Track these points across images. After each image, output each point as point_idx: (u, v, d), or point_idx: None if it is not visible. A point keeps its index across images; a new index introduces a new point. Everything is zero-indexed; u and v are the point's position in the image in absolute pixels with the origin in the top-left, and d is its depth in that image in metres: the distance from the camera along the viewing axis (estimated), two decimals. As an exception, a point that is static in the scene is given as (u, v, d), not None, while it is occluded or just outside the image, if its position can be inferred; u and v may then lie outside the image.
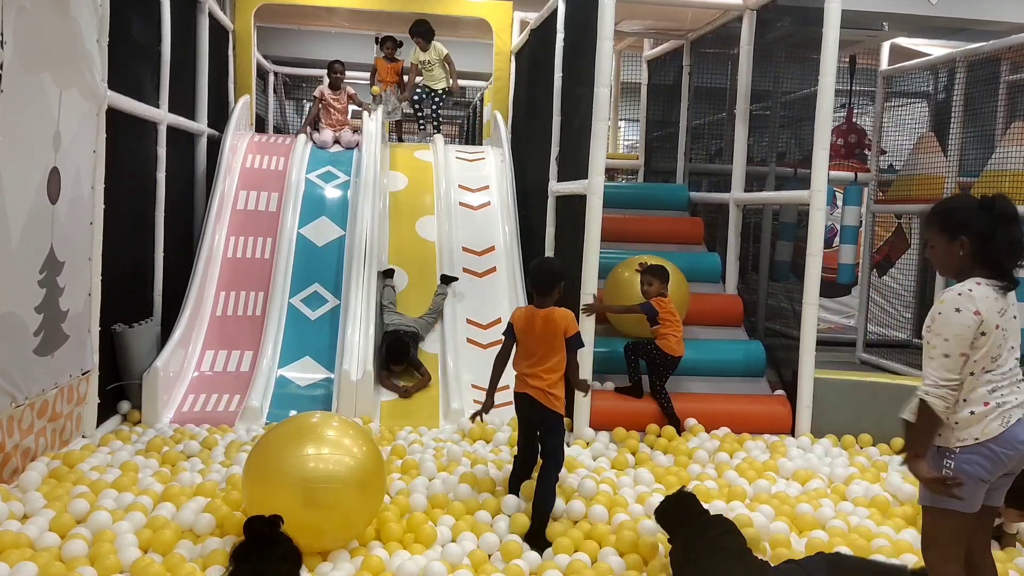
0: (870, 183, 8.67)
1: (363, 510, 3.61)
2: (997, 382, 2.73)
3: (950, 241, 2.78)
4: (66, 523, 3.60)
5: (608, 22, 5.36)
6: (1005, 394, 2.73)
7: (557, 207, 6.79)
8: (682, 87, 8.40)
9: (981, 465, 2.72)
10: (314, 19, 10.10)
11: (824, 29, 5.42)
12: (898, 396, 5.68)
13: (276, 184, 7.62)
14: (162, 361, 5.63)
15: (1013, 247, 2.73)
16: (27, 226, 4.09)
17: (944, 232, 2.80)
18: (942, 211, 2.84)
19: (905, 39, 9.51)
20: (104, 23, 4.87)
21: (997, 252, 2.73)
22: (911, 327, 9.26)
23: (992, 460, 2.72)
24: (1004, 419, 2.72)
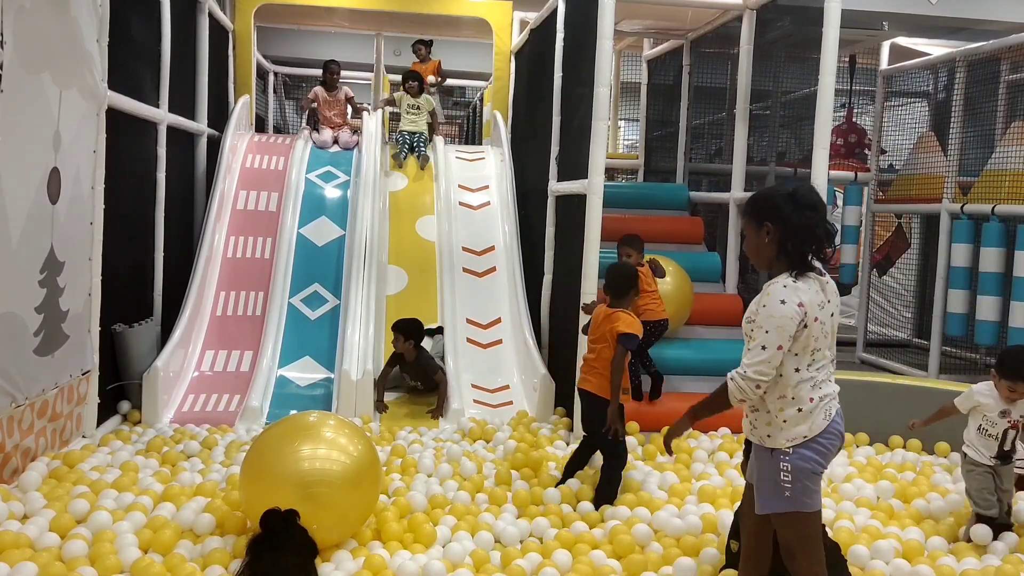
0: (870, 183, 8.68)
1: (359, 508, 3.62)
2: (818, 377, 2.77)
3: (757, 230, 2.81)
4: (66, 523, 3.60)
5: (608, 22, 5.36)
6: (825, 388, 2.78)
7: (557, 207, 6.79)
8: (682, 87, 8.40)
9: (815, 460, 2.76)
10: (314, 19, 10.10)
11: (824, 28, 5.42)
12: (898, 396, 5.69)
13: (276, 184, 7.62)
14: (162, 361, 5.63)
15: (806, 233, 2.73)
16: (27, 226, 4.09)
17: (752, 221, 2.83)
18: (750, 200, 2.88)
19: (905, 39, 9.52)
20: (104, 23, 4.87)
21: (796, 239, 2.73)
22: (911, 327, 9.26)
23: (822, 453, 2.77)
24: (826, 412, 2.77)
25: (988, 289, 6.84)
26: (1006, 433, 3.95)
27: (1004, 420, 3.94)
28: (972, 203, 7.23)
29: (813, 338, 2.73)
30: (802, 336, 2.71)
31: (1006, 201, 6.84)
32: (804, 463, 2.74)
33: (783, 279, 2.75)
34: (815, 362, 2.76)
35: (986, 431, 3.97)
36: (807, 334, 2.71)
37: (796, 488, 2.73)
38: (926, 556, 3.72)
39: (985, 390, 4.02)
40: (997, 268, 6.83)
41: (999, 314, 6.81)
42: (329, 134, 8.31)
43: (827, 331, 2.78)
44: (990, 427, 3.96)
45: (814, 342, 2.74)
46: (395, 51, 12.30)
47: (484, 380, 6.42)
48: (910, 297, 9.37)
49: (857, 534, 3.88)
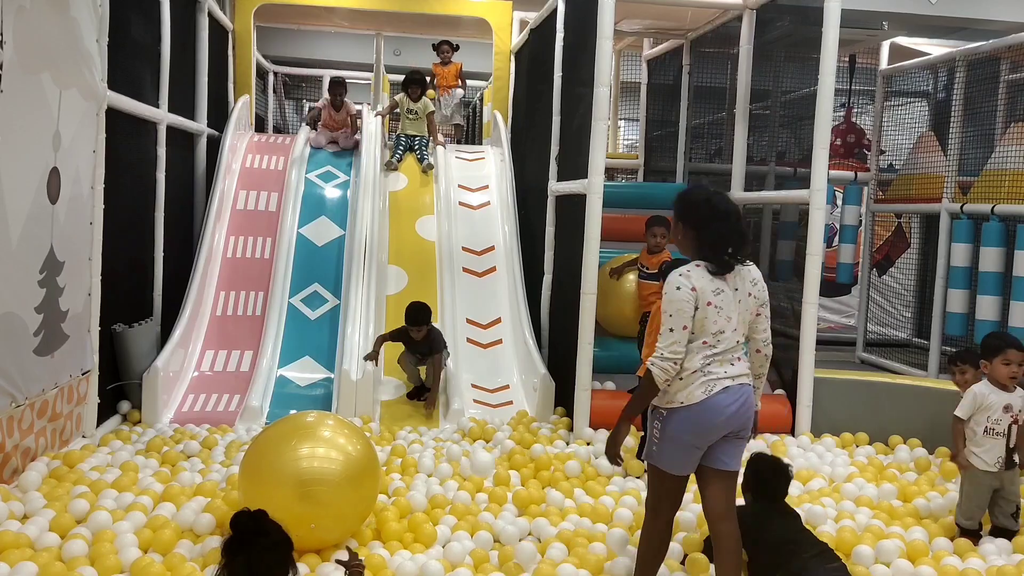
0: (870, 182, 8.68)
1: (358, 508, 3.62)
2: (712, 356, 3.01)
3: (677, 226, 3.17)
4: (66, 523, 3.60)
5: (608, 21, 5.36)
6: (715, 367, 3.01)
7: (557, 207, 6.79)
8: (682, 86, 8.39)
9: (685, 428, 3.02)
10: (314, 19, 10.09)
11: (824, 28, 5.42)
12: (898, 395, 5.69)
13: (276, 184, 7.62)
14: (162, 361, 5.63)
15: (718, 239, 3.05)
16: (27, 226, 4.09)
17: (676, 218, 3.18)
18: (677, 198, 3.22)
19: (905, 38, 9.52)
20: (104, 23, 4.87)
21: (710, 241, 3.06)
22: (911, 326, 9.26)
23: (695, 424, 3.01)
24: (708, 388, 3.00)
25: (988, 289, 6.84)
26: (1010, 429, 3.94)
27: (1008, 415, 3.93)
28: (972, 203, 7.23)
29: (711, 321, 3.00)
30: (697, 315, 2.99)
31: (1006, 201, 6.84)
32: (673, 429, 3.05)
33: (683, 268, 3.07)
34: (719, 343, 3.02)
35: (993, 430, 3.94)
36: (700, 315, 2.99)
37: (662, 447, 3.07)
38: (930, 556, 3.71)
39: (984, 388, 4.01)
40: (997, 268, 6.82)
41: (999, 314, 6.80)
42: (327, 136, 8.26)
43: (729, 315, 3.03)
44: (996, 425, 3.94)
45: (712, 324, 3.01)
46: (395, 51, 12.30)
47: (484, 380, 6.42)
48: (910, 297, 9.37)
49: (860, 534, 3.88)
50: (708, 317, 3.00)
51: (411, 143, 8.20)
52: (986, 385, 4.02)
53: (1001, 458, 3.95)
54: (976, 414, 4.00)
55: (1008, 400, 3.95)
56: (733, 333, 3.04)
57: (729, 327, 3.03)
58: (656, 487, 3.17)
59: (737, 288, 3.06)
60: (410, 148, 8.19)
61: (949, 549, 3.82)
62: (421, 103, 8.33)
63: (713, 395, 3.00)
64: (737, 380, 3.05)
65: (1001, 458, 3.95)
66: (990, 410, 3.96)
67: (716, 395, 3.00)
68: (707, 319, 3.00)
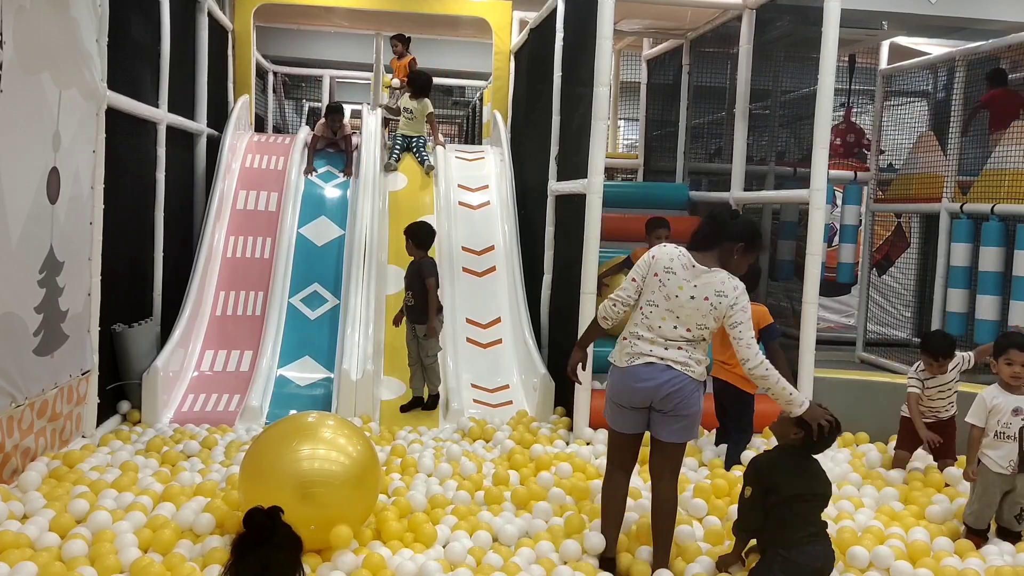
0: (869, 182, 8.68)
1: (358, 509, 3.62)
2: (642, 328, 3.41)
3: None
4: (66, 523, 3.60)
5: (607, 21, 5.36)
6: (641, 342, 3.40)
7: (557, 206, 6.79)
8: (681, 86, 8.39)
9: (611, 386, 3.51)
10: (313, 19, 10.09)
11: (823, 28, 5.42)
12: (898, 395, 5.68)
13: (275, 184, 7.62)
14: (162, 361, 5.63)
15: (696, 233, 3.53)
16: (26, 226, 4.08)
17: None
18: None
19: (904, 38, 9.52)
20: (103, 23, 4.87)
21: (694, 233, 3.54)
22: (911, 326, 9.26)
23: (615, 385, 3.47)
24: (631, 358, 3.41)
25: (987, 288, 6.83)
26: (1021, 432, 3.89)
27: (1018, 418, 3.89)
28: (971, 202, 7.22)
29: (650, 290, 3.41)
30: (646, 279, 3.42)
31: (1005, 200, 6.84)
32: (607, 385, 3.55)
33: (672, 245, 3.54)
34: (649, 316, 3.40)
35: (1003, 434, 3.91)
36: (647, 282, 3.42)
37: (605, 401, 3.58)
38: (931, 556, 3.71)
39: (993, 391, 3.97)
40: (996, 267, 6.82)
41: (999, 313, 6.80)
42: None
43: (668, 295, 3.38)
44: (1006, 429, 3.90)
45: (650, 293, 3.40)
46: (395, 51, 12.29)
47: (484, 380, 6.42)
48: (910, 296, 9.36)
49: (860, 535, 3.88)
50: (648, 285, 3.42)
51: (408, 143, 8.19)
52: (995, 388, 3.98)
53: (1013, 461, 3.90)
54: (988, 418, 3.96)
55: (1017, 403, 3.90)
56: (670, 315, 3.36)
57: (663, 306, 3.37)
58: (609, 439, 3.64)
59: (696, 285, 3.38)
60: (407, 148, 8.17)
61: (950, 549, 3.81)
62: (420, 104, 8.28)
63: (633, 365, 3.40)
64: (666, 361, 3.37)
65: (1013, 461, 3.90)
66: (999, 413, 3.92)
67: (636, 366, 3.39)
68: (649, 288, 3.41)
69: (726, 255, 3.45)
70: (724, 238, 3.45)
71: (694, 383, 3.42)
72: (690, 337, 3.39)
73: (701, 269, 3.39)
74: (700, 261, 3.41)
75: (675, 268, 3.39)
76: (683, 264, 3.40)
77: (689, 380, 3.39)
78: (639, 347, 3.39)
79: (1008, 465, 3.90)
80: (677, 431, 3.44)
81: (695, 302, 3.36)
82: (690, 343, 3.39)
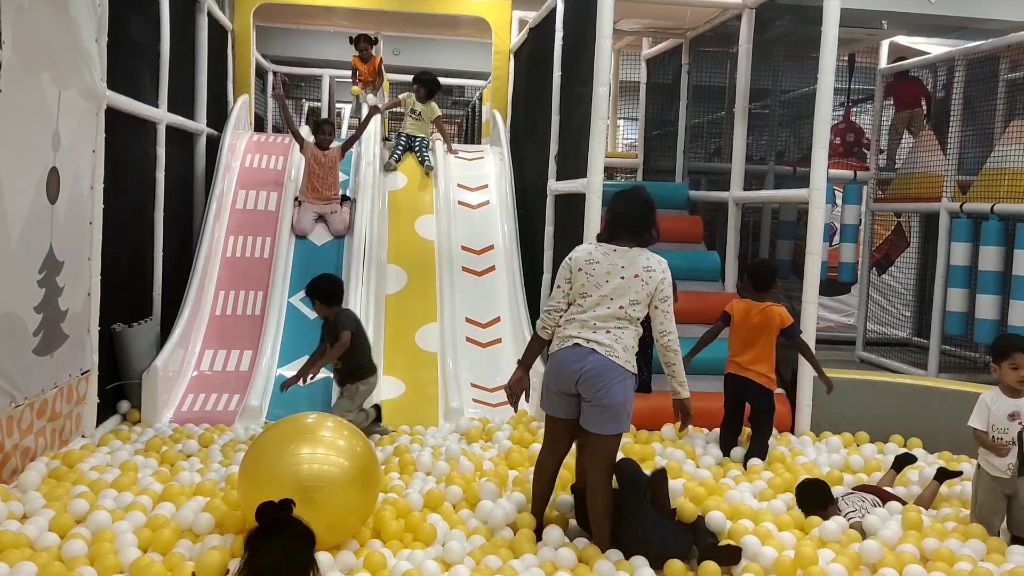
0: (869, 182, 8.68)
1: (357, 510, 3.62)
2: (574, 316, 3.60)
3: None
4: (66, 523, 3.60)
5: (607, 21, 5.36)
6: (571, 326, 3.59)
7: (556, 206, 6.79)
8: (681, 86, 8.39)
9: (546, 374, 3.69)
10: (313, 19, 10.10)
11: (823, 27, 5.42)
12: (897, 395, 5.70)
13: (275, 183, 7.62)
14: (161, 361, 5.63)
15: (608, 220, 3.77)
16: (26, 226, 4.08)
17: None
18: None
19: (904, 37, 9.52)
20: (103, 23, 4.87)
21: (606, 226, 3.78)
22: (911, 326, 9.26)
23: (550, 371, 3.65)
24: (562, 342, 3.60)
25: (987, 288, 6.84)
26: (1020, 437, 3.84)
27: (1015, 423, 3.84)
28: (971, 202, 7.23)
29: (579, 284, 3.62)
30: (571, 279, 3.65)
31: (1005, 200, 6.84)
32: (544, 373, 3.73)
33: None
34: (582, 307, 3.59)
35: (1000, 439, 3.87)
36: (574, 279, 3.64)
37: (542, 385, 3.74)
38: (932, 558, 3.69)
39: (993, 395, 3.94)
40: (996, 267, 6.82)
41: (998, 313, 6.80)
42: (311, 216, 7.13)
43: (598, 283, 3.59)
44: (1003, 434, 3.87)
45: (580, 287, 3.62)
46: (394, 50, 12.29)
47: (483, 379, 6.42)
48: (909, 296, 9.37)
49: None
50: (577, 281, 3.63)
51: (411, 143, 8.16)
52: (995, 391, 3.94)
53: (1012, 465, 3.84)
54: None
55: (1015, 408, 3.85)
56: (603, 299, 3.56)
57: (596, 293, 3.57)
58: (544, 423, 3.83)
59: (623, 266, 3.59)
60: (410, 148, 8.16)
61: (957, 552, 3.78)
62: (428, 106, 8.27)
63: (562, 348, 3.58)
64: (591, 343, 3.53)
65: (1012, 465, 3.84)
66: (994, 417, 3.89)
67: (564, 349, 3.58)
68: (579, 283, 3.62)
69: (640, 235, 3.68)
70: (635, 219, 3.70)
71: (618, 370, 3.52)
72: (622, 315, 3.55)
73: (623, 250, 3.63)
74: (618, 245, 3.66)
75: (596, 258, 3.63)
76: (603, 252, 3.64)
77: (610, 364, 3.51)
78: (569, 331, 3.59)
79: (1007, 469, 3.85)
80: (601, 422, 3.54)
81: (626, 281, 3.57)
82: (620, 326, 3.56)
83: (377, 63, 9.17)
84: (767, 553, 3.59)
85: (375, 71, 9.13)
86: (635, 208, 3.72)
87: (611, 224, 3.73)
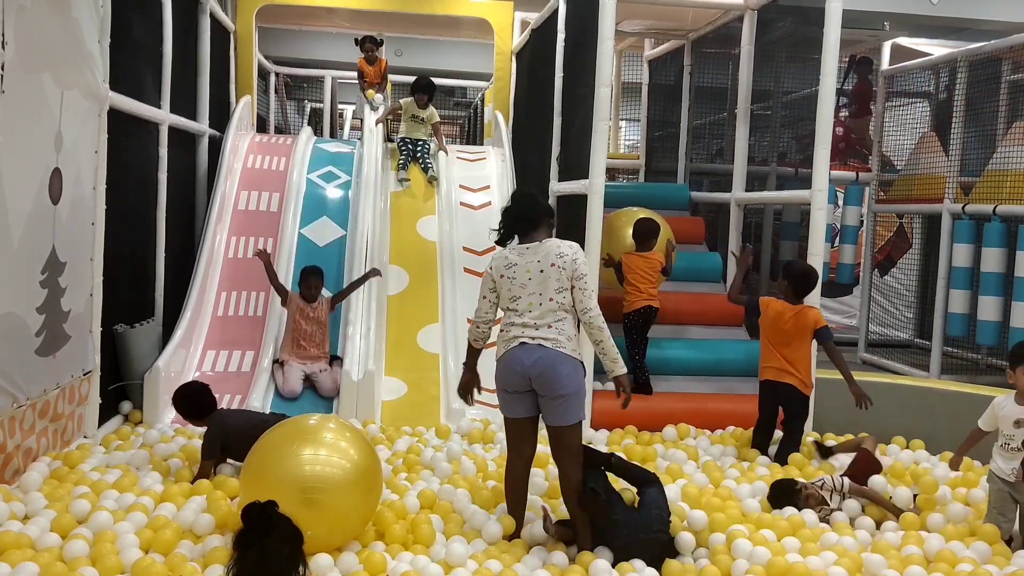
0: (871, 183, 8.67)
1: (359, 511, 3.62)
2: (513, 320, 3.71)
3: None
4: (67, 523, 3.60)
5: (609, 22, 5.36)
6: (514, 328, 3.69)
7: (558, 207, 6.79)
8: (683, 87, 8.40)
9: (498, 377, 3.76)
10: (315, 20, 10.11)
11: (825, 29, 5.42)
12: (900, 396, 5.69)
13: (277, 184, 7.62)
14: (163, 361, 5.63)
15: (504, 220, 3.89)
16: (28, 226, 4.09)
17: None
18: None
19: (906, 39, 9.51)
20: (105, 23, 4.87)
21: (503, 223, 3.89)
22: (913, 327, 9.25)
23: (501, 373, 3.73)
24: (507, 345, 3.70)
25: (989, 289, 6.84)
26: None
27: (1021, 430, 3.82)
28: (973, 203, 7.22)
29: (506, 289, 3.74)
30: (495, 287, 3.77)
31: (1007, 201, 6.84)
32: (496, 377, 3.78)
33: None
34: (518, 310, 3.70)
35: (1007, 445, 3.86)
36: (499, 287, 3.77)
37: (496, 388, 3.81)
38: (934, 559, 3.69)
39: (1003, 400, 3.93)
40: (998, 268, 6.82)
41: (1000, 314, 6.80)
42: (299, 375, 5.93)
43: (523, 283, 3.71)
44: (1009, 440, 3.86)
45: (508, 293, 3.73)
46: (396, 52, 12.31)
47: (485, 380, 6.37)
48: (911, 297, 9.36)
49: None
50: (503, 288, 3.74)
51: (415, 149, 8.09)
52: (1007, 397, 3.93)
53: (1016, 469, 3.82)
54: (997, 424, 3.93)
55: (1019, 415, 3.82)
56: (532, 296, 3.67)
57: (525, 293, 3.68)
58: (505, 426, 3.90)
59: (538, 260, 3.70)
60: (413, 155, 8.08)
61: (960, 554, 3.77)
62: (428, 111, 8.20)
63: (510, 350, 3.68)
64: (536, 340, 3.63)
65: (1016, 469, 3.82)
66: (1000, 422, 3.88)
67: (512, 349, 3.67)
68: (504, 288, 3.73)
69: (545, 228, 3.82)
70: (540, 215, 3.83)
71: (567, 359, 3.63)
72: (555, 307, 3.66)
73: (534, 246, 3.74)
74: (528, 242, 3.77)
75: (513, 261, 3.75)
76: (518, 253, 3.76)
77: (559, 355, 3.61)
78: (513, 332, 3.69)
79: (1011, 472, 3.84)
80: (560, 413, 3.63)
81: (545, 272, 3.68)
82: (559, 318, 3.66)
83: (383, 66, 9.17)
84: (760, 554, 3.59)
85: (381, 73, 9.14)
86: (519, 204, 3.87)
87: (506, 228, 3.85)
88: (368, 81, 9.06)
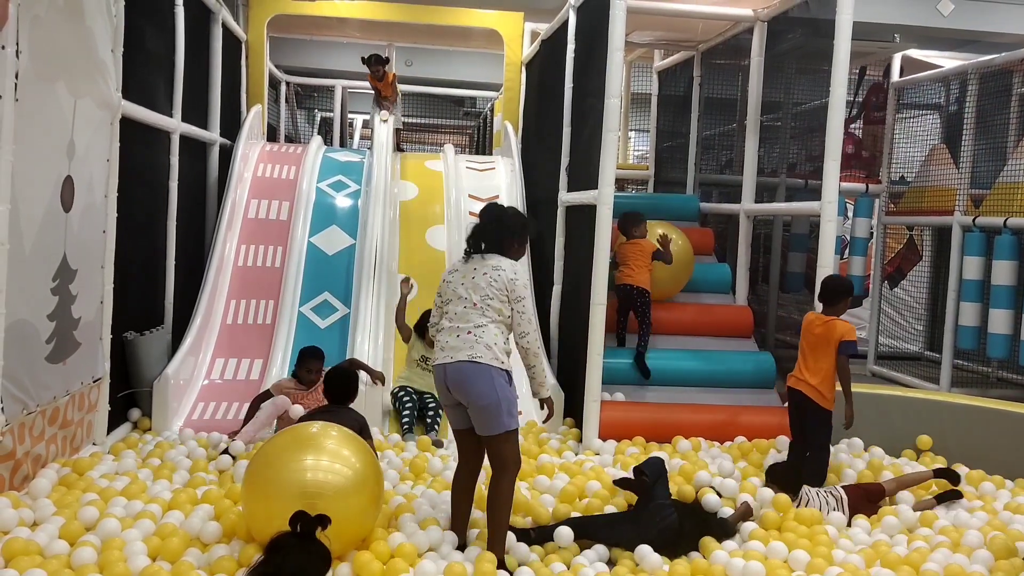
0: (881, 195, 8.65)
1: (361, 519, 3.61)
2: (443, 324, 3.73)
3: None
4: (75, 530, 3.61)
5: (619, 33, 5.37)
6: (441, 335, 3.72)
7: (567, 217, 6.79)
8: (692, 98, 8.40)
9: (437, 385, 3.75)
10: (326, 30, 10.16)
11: (835, 40, 5.42)
12: (910, 409, 5.66)
13: (287, 193, 7.65)
14: (172, 369, 5.65)
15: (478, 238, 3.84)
16: (40, 234, 4.11)
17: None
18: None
19: (916, 51, 9.50)
20: (118, 33, 4.91)
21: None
22: (923, 340, 9.21)
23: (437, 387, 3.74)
24: (442, 356, 3.66)
25: (1000, 302, 6.80)
26: None
27: None
28: (984, 216, 7.20)
29: (446, 295, 3.77)
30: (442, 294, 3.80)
31: (1018, 214, 6.81)
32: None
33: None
34: (447, 313, 3.73)
35: None
36: (443, 292, 3.80)
37: None
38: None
39: None
40: (1009, 281, 6.79)
41: (1011, 327, 6.76)
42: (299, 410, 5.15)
43: (455, 289, 3.73)
44: None
45: (446, 297, 3.76)
46: (407, 62, 12.36)
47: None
48: (922, 310, 9.33)
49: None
50: (444, 293, 3.78)
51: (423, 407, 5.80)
52: None
53: None
54: None
55: None
56: (461, 301, 3.67)
57: (456, 297, 3.70)
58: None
59: (475, 268, 3.72)
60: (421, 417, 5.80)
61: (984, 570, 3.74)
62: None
63: (437, 363, 3.69)
64: (447, 353, 3.64)
65: None
66: None
67: (437, 364, 3.68)
68: (444, 296, 3.78)
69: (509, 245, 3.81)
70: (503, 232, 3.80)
71: (484, 370, 3.59)
72: (477, 312, 3.65)
73: (478, 259, 3.75)
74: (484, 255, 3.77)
75: (456, 267, 3.81)
76: (463, 262, 3.79)
77: (473, 366, 3.58)
78: (440, 342, 3.71)
79: None
80: (482, 424, 3.62)
81: (476, 280, 3.69)
82: (479, 324, 3.63)
83: (391, 78, 9.21)
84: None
85: (391, 87, 9.18)
86: (488, 220, 3.85)
87: (469, 238, 3.86)
88: (382, 95, 9.11)
